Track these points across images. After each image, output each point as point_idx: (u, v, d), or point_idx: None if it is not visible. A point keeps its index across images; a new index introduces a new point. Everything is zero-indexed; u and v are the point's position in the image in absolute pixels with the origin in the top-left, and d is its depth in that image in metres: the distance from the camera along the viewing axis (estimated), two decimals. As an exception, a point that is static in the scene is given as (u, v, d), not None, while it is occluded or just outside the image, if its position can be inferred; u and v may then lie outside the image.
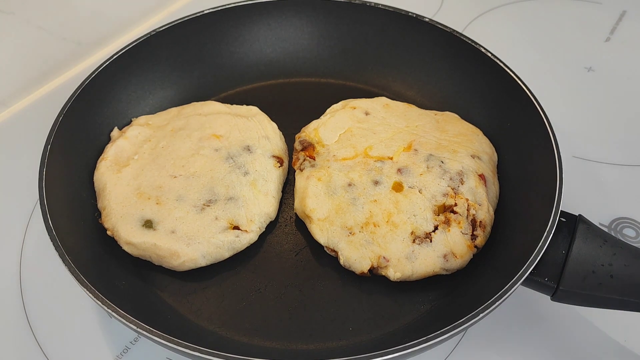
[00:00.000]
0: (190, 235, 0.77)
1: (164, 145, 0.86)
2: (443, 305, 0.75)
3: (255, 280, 0.78)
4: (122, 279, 0.77)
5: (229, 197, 0.81)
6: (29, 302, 0.81)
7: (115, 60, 0.91)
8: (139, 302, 0.75)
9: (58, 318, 0.79)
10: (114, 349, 0.77)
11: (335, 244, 0.78)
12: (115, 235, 0.79)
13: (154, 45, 0.95)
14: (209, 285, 0.78)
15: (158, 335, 0.64)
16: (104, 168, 0.84)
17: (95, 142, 0.88)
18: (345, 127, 0.88)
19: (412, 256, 0.76)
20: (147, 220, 0.79)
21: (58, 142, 0.81)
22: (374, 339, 0.72)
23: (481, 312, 0.64)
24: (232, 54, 1.00)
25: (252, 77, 1.01)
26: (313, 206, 0.80)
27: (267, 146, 0.87)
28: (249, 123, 0.90)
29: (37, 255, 0.85)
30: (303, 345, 0.73)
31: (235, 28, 1.00)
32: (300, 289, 0.77)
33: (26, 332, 0.78)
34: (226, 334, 0.74)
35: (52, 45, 1.06)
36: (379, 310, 0.75)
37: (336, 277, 0.78)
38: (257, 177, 0.83)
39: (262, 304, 0.76)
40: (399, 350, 0.62)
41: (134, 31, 1.16)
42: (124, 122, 0.92)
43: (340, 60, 1.01)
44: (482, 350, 0.76)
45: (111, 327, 0.78)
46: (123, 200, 0.80)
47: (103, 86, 0.90)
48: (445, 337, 0.63)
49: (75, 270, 0.68)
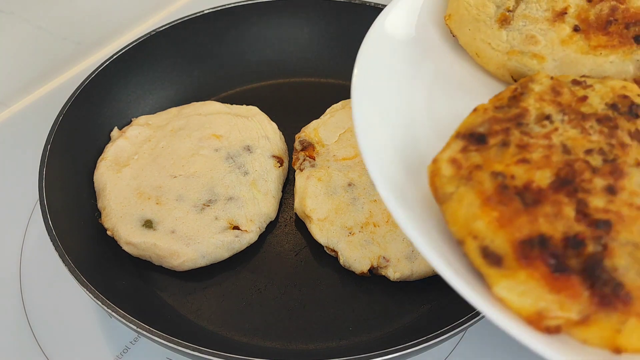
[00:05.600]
0: (190, 235, 0.77)
1: (163, 145, 0.86)
2: (443, 305, 0.75)
3: (255, 280, 0.78)
4: (122, 279, 0.77)
5: (228, 197, 0.81)
6: (29, 302, 0.81)
7: (116, 60, 0.91)
8: (139, 302, 0.75)
9: (58, 318, 0.79)
10: (114, 349, 0.77)
11: (335, 244, 0.78)
12: (115, 235, 0.79)
13: (154, 45, 0.95)
14: (209, 285, 0.78)
15: (158, 335, 0.64)
16: (104, 168, 0.84)
17: (95, 142, 0.88)
18: (346, 127, 0.88)
19: (412, 256, 0.76)
20: (147, 220, 0.79)
21: (58, 142, 0.81)
22: (374, 339, 0.72)
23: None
24: (232, 53, 1.00)
25: (252, 77, 1.01)
26: (313, 206, 0.80)
27: (267, 146, 0.87)
28: (249, 123, 0.90)
29: (37, 255, 0.85)
30: (303, 346, 0.73)
31: (235, 28, 1.00)
32: (300, 289, 0.77)
33: (26, 332, 0.78)
34: (226, 334, 0.74)
35: (52, 45, 1.06)
36: (378, 310, 0.75)
37: (336, 277, 0.78)
38: (257, 177, 0.83)
39: (262, 304, 0.76)
40: (398, 350, 0.62)
41: (134, 31, 1.16)
42: (124, 122, 0.92)
43: (340, 60, 1.01)
44: (482, 350, 0.76)
45: (111, 327, 0.78)
46: (123, 200, 0.80)
47: (103, 86, 0.90)
48: (445, 337, 0.63)
49: (75, 270, 0.68)
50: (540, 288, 0.46)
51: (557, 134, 0.54)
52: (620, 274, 0.46)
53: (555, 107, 0.57)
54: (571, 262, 0.47)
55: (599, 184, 0.50)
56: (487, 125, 0.55)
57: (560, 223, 0.48)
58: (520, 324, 0.46)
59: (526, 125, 0.55)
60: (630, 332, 0.46)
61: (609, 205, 0.49)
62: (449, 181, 0.52)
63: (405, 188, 0.54)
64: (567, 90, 0.58)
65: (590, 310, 0.46)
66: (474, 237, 0.49)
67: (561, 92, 0.58)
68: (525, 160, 0.52)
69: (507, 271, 0.47)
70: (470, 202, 0.50)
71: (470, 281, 0.48)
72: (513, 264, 0.47)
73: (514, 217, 0.48)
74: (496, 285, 0.47)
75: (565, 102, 0.57)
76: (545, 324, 0.46)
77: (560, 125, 0.55)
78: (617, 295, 0.46)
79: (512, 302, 0.47)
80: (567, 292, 0.46)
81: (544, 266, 0.46)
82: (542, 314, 0.46)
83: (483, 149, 0.53)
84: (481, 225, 0.49)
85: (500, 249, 0.47)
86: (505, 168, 0.51)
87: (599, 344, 0.47)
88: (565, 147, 0.53)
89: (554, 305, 0.46)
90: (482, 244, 0.48)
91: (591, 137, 0.54)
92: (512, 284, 0.47)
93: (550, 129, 0.55)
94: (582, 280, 0.46)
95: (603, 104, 0.57)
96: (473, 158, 0.53)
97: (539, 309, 0.46)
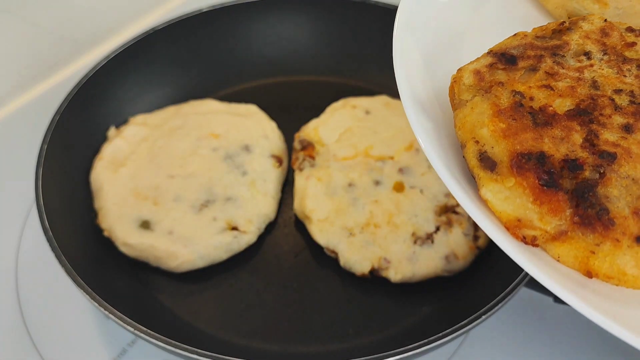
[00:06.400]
0: (187, 236, 0.77)
1: (161, 145, 0.86)
2: (445, 307, 0.75)
3: (254, 282, 0.78)
4: (119, 280, 0.76)
5: (227, 198, 0.80)
6: (26, 304, 0.80)
7: (113, 59, 0.90)
8: (137, 303, 0.74)
9: (55, 320, 0.79)
10: (111, 351, 0.76)
11: (335, 245, 0.77)
12: (112, 236, 0.78)
13: (151, 43, 0.94)
14: (207, 287, 0.77)
15: (156, 337, 0.64)
16: (100, 168, 0.83)
17: (92, 142, 0.88)
18: (346, 126, 0.88)
19: (413, 257, 0.75)
20: (144, 221, 0.78)
21: (54, 142, 0.80)
22: (375, 341, 0.72)
23: (483, 314, 0.64)
24: (230, 51, 1.00)
25: (251, 76, 1.00)
26: (313, 207, 0.79)
27: (266, 145, 0.87)
28: (248, 122, 0.89)
29: (34, 257, 0.85)
30: (302, 348, 0.72)
31: (234, 26, 0.99)
32: (299, 291, 0.77)
33: (23, 334, 0.77)
34: (224, 336, 0.73)
35: (49, 44, 1.06)
36: (379, 312, 0.75)
37: (336, 279, 0.78)
38: (255, 177, 0.83)
39: (261, 306, 0.75)
40: (400, 353, 0.62)
41: (131, 29, 1.15)
42: (121, 121, 0.91)
43: (341, 58, 1.01)
44: (484, 352, 0.76)
45: (108, 329, 0.78)
46: (120, 200, 0.80)
47: (100, 85, 0.89)
48: (447, 339, 0.63)
49: (72, 272, 0.68)
50: (525, 197, 0.47)
51: (591, 69, 0.54)
52: (610, 201, 0.47)
53: (599, 46, 0.56)
54: (564, 181, 0.47)
55: (617, 121, 0.51)
56: (522, 49, 0.55)
57: (564, 146, 0.49)
58: (500, 229, 0.48)
59: (561, 57, 0.55)
60: (604, 256, 0.47)
61: (620, 140, 0.50)
62: (467, 89, 0.53)
63: (425, 96, 0.56)
64: (617, 34, 0.58)
65: (568, 227, 0.47)
66: (476, 142, 0.50)
67: (610, 35, 0.58)
68: (549, 86, 0.52)
69: (497, 176, 0.48)
70: (481, 111, 0.51)
71: (463, 184, 0.49)
72: (505, 171, 0.48)
73: (520, 132, 0.49)
74: (484, 187, 0.48)
75: (611, 44, 0.57)
76: (523, 232, 0.48)
77: (597, 62, 0.55)
78: (599, 218, 0.46)
79: (495, 205, 0.48)
80: (549, 205, 0.47)
81: (534, 178, 0.47)
82: (521, 222, 0.47)
83: (510, 69, 0.54)
84: (486, 132, 0.49)
85: (497, 156, 0.48)
86: (527, 89, 0.52)
87: (572, 264, 0.48)
88: (595, 83, 0.53)
89: (533, 215, 0.47)
90: (482, 149, 0.49)
91: (625, 79, 0.54)
92: (498, 188, 0.48)
93: (586, 64, 0.55)
94: (569, 199, 0.47)
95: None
96: (498, 75, 0.53)
97: (518, 216, 0.47)
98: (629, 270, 0.47)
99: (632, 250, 0.46)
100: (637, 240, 0.46)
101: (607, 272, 0.47)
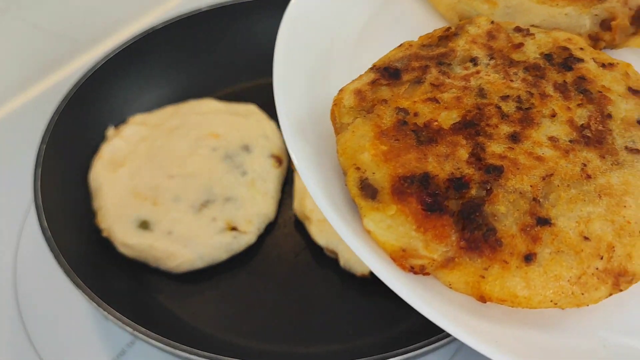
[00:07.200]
0: (187, 237, 0.76)
1: (160, 145, 0.86)
2: (445, 307, 0.74)
3: (254, 282, 0.78)
4: (118, 280, 0.76)
5: (226, 198, 0.80)
6: (24, 304, 0.80)
7: (112, 59, 0.90)
8: (136, 304, 0.74)
9: (53, 320, 0.79)
10: (110, 352, 0.76)
11: (335, 246, 0.77)
12: (111, 236, 0.78)
13: (150, 42, 0.94)
14: (207, 287, 0.77)
15: (155, 338, 0.64)
16: (99, 168, 0.83)
17: (91, 142, 0.87)
18: (345, 126, 0.87)
19: (413, 257, 0.75)
20: (144, 221, 0.78)
21: (53, 142, 0.80)
22: (376, 342, 0.72)
23: (484, 314, 0.63)
24: (229, 51, 1.00)
25: (250, 75, 1.00)
26: (313, 207, 0.79)
27: (266, 145, 0.86)
28: (247, 122, 0.89)
29: (33, 257, 0.85)
30: (302, 349, 0.72)
31: (233, 25, 0.99)
32: (299, 292, 0.77)
33: (21, 335, 0.77)
34: (224, 336, 0.73)
35: (47, 43, 1.05)
36: (380, 313, 0.74)
37: (336, 279, 0.77)
38: (255, 177, 0.83)
39: (261, 307, 0.75)
40: (400, 354, 0.62)
41: (130, 29, 1.15)
42: (120, 120, 0.91)
43: (340, 58, 1.01)
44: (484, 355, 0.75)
45: (107, 330, 0.77)
46: (119, 200, 0.80)
47: (99, 84, 0.89)
48: (447, 340, 0.63)
49: (70, 272, 0.68)
50: (408, 224, 0.45)
51: (477, 77, 0.53)
52: (497, 220, 0.45)
53: (485, 50, 0.55)
54: (450, 202, 0.46)
55: (504, 130, 0.50)
56: (406, 61, 0.54)
57: (450, 164, 0.47)
58: (385, 261, 0.45)
59: (447, 65, 0.53)
60: (494, 280, 0.45)
61: (507, 152, 0.48)
62: (348, 112, 0.51)
63: (307, 120, 0.53)
64: (504, 36, 0.57)
65: (455, 253, 0.45)
66: (357, 169, 0.48)
67: (497, 37, 0.56)
68: (434, 99, 0.51)
69: (379, 204, 0.46)
70: (362, 134, 0.49)
71: (345, 215, 0.47)
72: (387, 198, 0.46)
73: (402, 153, 0.47)
74: (365, 217, 0.46)
75: (498, 47, 0.55)
76: (409, 262, 0.46)
77: (484, 69, 0.54)
78: (486, 240, 0.45)
79: (378, 236, 0.46)
80: (434, 231, 0.45)
81: (417, 203, 0.45)
82: (406, 252, 0.45)
83: (394, 84, 0.52)
84: (367, 157, 0.47)
85: (378, 182, 0.47)
86: (411, 105, 0.50)
87: (465, 290, 0.46)
88: (482, 91, 0.52)
89: (418, 244, 0.45)
90: (363, 176, 0.47)
91: (512, 84, 0.53)
92: (380, 217, 0.46)
93: (472, 71, 0.53)
94: (454, 222, 0.45)
95: (538, 53, 0.56)
96: (381, 91, 0.51)
97: (402, 246, 0.45)
98: (520, 292, 0.45)
99: (521, 270, 0.45)
100: (525, 259, 0.45)
101: (499, 296, 0.45)
